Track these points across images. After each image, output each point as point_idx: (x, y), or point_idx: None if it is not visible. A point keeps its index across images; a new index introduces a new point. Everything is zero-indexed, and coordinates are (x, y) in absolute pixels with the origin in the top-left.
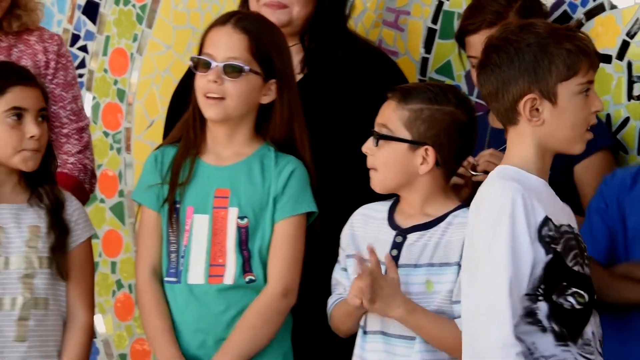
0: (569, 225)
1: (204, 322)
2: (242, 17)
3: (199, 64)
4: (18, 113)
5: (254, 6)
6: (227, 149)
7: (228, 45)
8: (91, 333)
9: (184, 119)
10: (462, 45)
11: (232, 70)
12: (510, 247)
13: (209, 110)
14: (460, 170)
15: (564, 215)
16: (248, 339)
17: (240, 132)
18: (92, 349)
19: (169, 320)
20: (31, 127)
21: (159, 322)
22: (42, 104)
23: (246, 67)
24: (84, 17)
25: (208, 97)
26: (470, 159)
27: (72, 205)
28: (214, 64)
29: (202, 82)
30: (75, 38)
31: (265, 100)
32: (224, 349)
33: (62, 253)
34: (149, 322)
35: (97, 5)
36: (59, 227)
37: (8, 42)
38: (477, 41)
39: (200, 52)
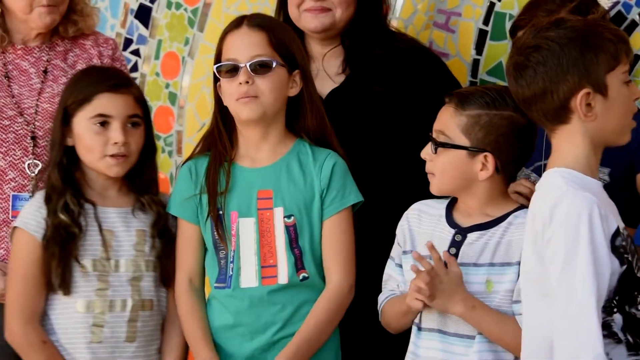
0: (624, 228)
1: (260, 324)
2: (253, 16)
3: (225, 71)
4: (103, 120)
5: (294, 12)
6: (261, 150)
7: (250, 45)
8: None
9: (206, 132)
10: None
11: (260, 67)
12: (592, 262)
13: (244, 110)
14: (522, 189)
15: (617, 216)
16: (317, 335)
17: (274, 131)
18: None
19: (204, 325)
20: (114, 134)
21: (195, 327)
22: (132, 111)
23: (273, 62)
24: (136, 22)
25: (241, 99)
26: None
27: None
28: (241, 66)
29: (232, 87)
30: (127, 42)
31: (293, 92)
32: (292, 343)
33: (167, 261)
34: (186, 329)
35: (149, 10)
36: (164, 236)
37: (64, 46)
38: None
39: (219, 61)
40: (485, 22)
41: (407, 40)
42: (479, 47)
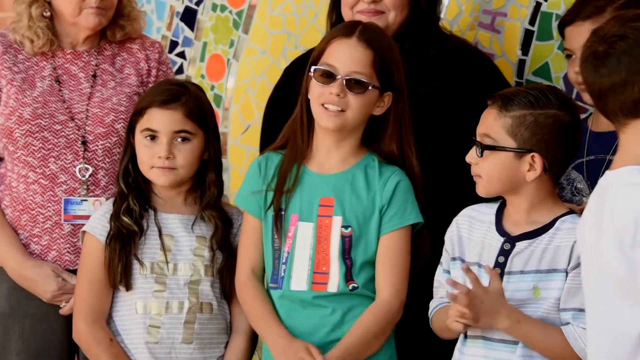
0: None
1: (309, 326)
2: (364, 29)
3: (321, 74)
4: (151, 134)
5: (347, 13)
6: (332, 157)
7: (353, 59)
8: (250, 339)
9: (289, 125)
10: (562, 37)
11: (356, 85)
12: None
13: (326, 120)
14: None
15: None
16: (364, 344)
17: (348, 142)
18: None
19: (270, 306)
20: (159, 148)
21: (263, 308)
22: (179, 127)
23: (370, 84)
24: (182, 24)
25: (327, 108)
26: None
27: (238, 221)
28: (338, 77)
29: (323, 93)
30: (173, 45)
31: (377, 112)
32: (337, 349)
33: (228, 275)
34: (253, 311)
35: (194, 12)
36: (226, 250)
37: (112, 50)
38: (571, 33)
39: (318, 60)
40: (532, 22)
41: (459, 42)
42: (525, 47)
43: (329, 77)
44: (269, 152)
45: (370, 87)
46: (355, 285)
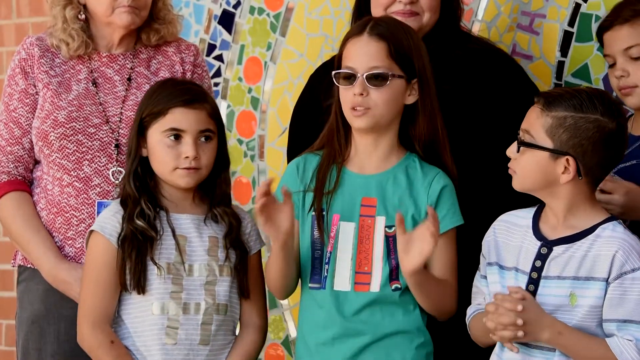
0: None
1: (351, 326)
2: (376, 23)
3: (342, 78)
4: (176, 134)
5: (379, 14)
6: (372, 157)
7: (368, 55)
8: (262, 334)
9: (327, 130)
10: (601, 44)
11: (376, 79)
12: None
13: (357, 121)
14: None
15: None
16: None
17: (385, 140)
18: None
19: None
20: (186, 148)
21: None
22: (204, 126)
23: (389, 74)
24: (219, 27)
25: (355, 109)
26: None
27: (245, 219)
28: (357, 76)
29: (348, 96)
30: (211, 48)
31: (410, 100)
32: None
33: (244, 272)
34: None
35: (232, 15)
36: (238, 247)
37: (147, 53)
38: (610, 38)
39: (339, 65)
40: (571, 23)
41: (482, 42)
42: (564, 49)
43: (349, 78)
44: (307, 154)
45: (390, 78)
46: (399, 285)
